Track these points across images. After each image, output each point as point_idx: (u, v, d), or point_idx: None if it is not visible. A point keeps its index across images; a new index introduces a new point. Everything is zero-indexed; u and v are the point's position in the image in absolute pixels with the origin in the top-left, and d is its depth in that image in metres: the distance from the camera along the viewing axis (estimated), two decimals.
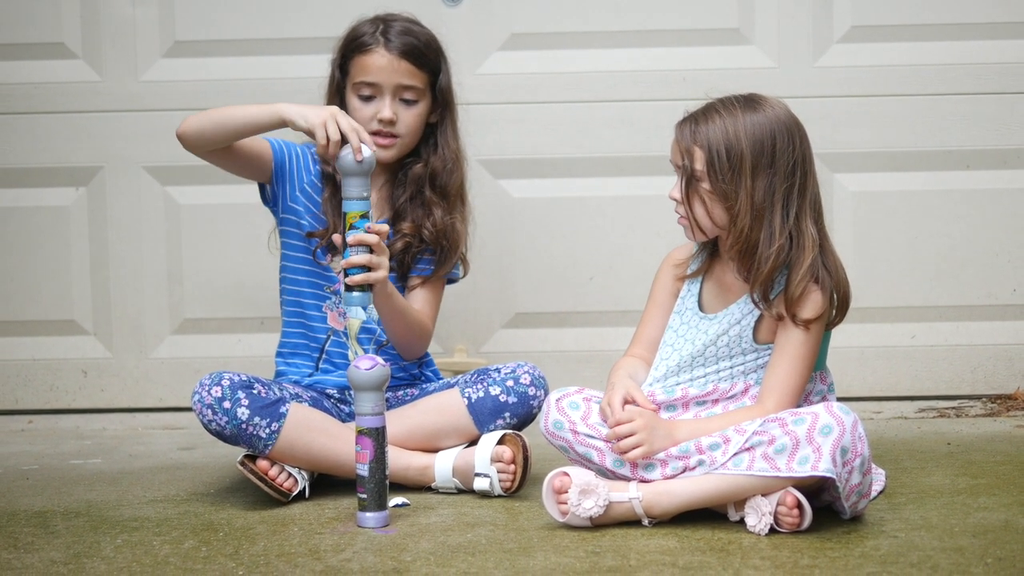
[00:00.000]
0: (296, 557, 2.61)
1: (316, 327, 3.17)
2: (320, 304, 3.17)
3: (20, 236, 3.89)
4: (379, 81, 3.11)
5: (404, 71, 3.11)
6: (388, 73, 3.11)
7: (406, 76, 3.11)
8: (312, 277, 3.17)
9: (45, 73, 3.85)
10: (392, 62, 3.10)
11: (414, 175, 3.16)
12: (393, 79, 3.11)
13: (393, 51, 3.10)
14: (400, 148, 3.15)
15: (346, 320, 3.16)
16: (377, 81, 3.11)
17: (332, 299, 3.16)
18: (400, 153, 3.16)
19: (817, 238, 2.75)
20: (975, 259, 3.81)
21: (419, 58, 3.12)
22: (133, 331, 3.89)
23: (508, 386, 3.06)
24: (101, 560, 2.62)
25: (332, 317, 3.17)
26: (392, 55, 3.10)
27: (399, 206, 3.16)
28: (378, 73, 3.11)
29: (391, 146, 3.13)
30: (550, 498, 2.74)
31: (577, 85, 3.81)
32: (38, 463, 3.43)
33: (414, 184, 3.16)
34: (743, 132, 2.73)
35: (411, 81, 3.11)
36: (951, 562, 2.47)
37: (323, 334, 3.17)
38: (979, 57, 3.77)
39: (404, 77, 3.11)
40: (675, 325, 2.87)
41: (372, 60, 3.11)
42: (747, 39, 3.80)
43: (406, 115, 3.13)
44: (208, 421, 2.94)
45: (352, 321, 3.16)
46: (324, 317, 3.17)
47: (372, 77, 3.11)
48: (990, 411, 3.72)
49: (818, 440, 2.61)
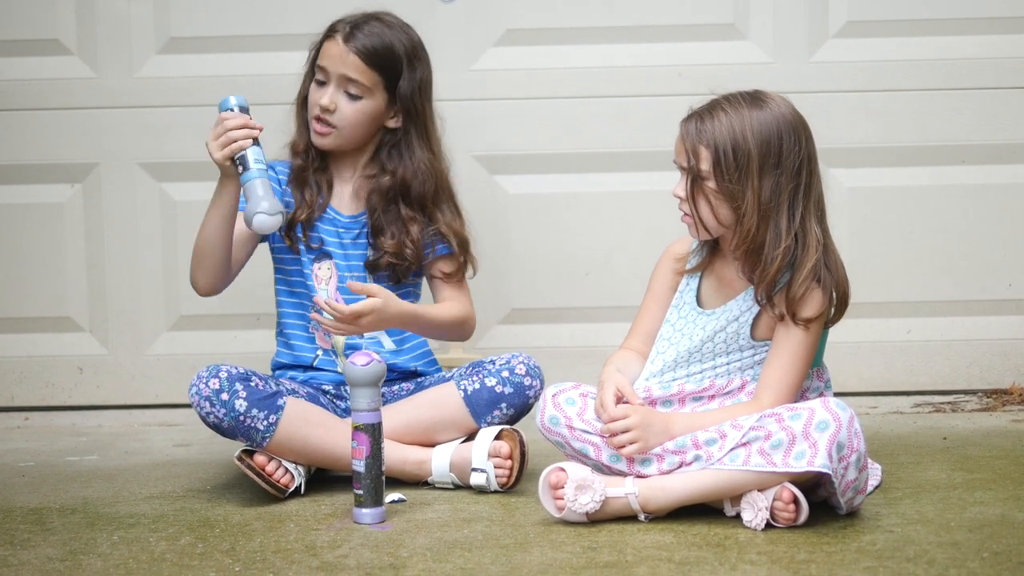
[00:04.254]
0: (292, 553, 2.61)
1: (302, 347, 3.20)
2: (307, 325, 3.19)
3: (15, 233, 3.88)
4: (327, 68, 3.15)
5: (351, 64, 3.14)
6: (336, 62, 3.14)
7: (351, 69, 3.14)
8: (296, 298, 3.21)
9: (40, 69, 3.85)
10: (342, 53, 3.14)
11: (382, 188, 3.18)
12: (339, 69, 3.14)
13: (348, 43, 3.14)
14: (337, 139, 3.17)
15: (331, 339, 3.17)
16: (326, 67, 3.16)
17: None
18: (337, 143, 3.17)
19: (821, 238, 2.75)
20: (971, 254, 3.81)
21: (370, 57, 3.14)
22: (129, 328, 3.89)
23: (504, 377, 3.06)
24: (97, 557, 2.62)
25: (319, 337, 3.19)
26: (344, 47, 3.14)
27: (375, 221, 3.18)
28: (329, 60, 3.15)
29: (326, 134, 3.16)
30: (546, 493, 2.74)
31: (572, 81, 3.81)
32: (34, 460, 3.43)
33: (384, 198, 3.18)
34: (750, 131, 2.71)
35: (355, 75, 3.14)
36: (947, 556, 2.47)
37: (311, 354, 3.18)
38: (975, 52, 3.77)
39: (349, 70, 3.14)
40: (672, 319, 2.87)
41: (329, 47, 3.16)
42: (742, 34, 3.80)
43: (346, 108, 3.15)
44: (206, 413, 2.94)
45: (337, 339, 3.17)
46: (311, 338, 3.19)
47: (324, 62, 3.16)
48: (986, 406, 3.73)
49: (814, 436, 2.61)
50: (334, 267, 3.19)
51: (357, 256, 3.19)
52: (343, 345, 3.17)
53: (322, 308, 2.98)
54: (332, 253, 3.19)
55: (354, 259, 3.19)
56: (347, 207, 3.21)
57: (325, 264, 3.20)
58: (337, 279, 3.19)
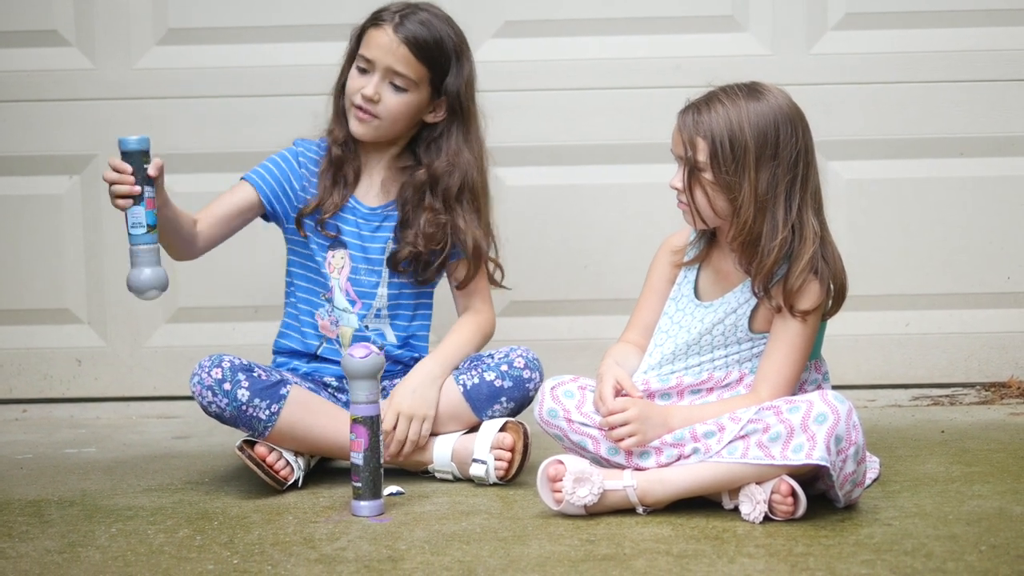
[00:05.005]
0: (291, 546, 2.61)
1: (309, 333, 3.19)
2: (313, 312, 3.17)
3: (13, 224, 3.88)
4: (374, 58, 3.09)
5: (400, 56, 3.09)
6: (384, 52, 3.09)
7: (400, 62, 3.09)
8: (308, 283, 3.18)
9: (38, 61, 3.84)
10: (392, 43, 3.08)
11: (417, 182, 3.14)
12: (386, 60, 3.09)
13: (398, 34, 3.08)
14: (377, 130, 3.12)
15: (338, 329, 3.16)
16: (372, 57, 3.09)
17: (326, 306, 3.16)
18: (376, 134, 3.13)
19: (819, 230, 2.75)
20: (969, 246, 3.81)
21: (421, 50, 3.10)
22: (127, 319, 3.89)
23: (503, 371, 3.06)
24: (96, 549, 2.62)
25: (324, 325, 3.17)
26: (395, 37, 3.08)
27: (404, 215, 3.15)
28: (376, 50, 3.09)
29: (367, 122, 3.11)
30: (545, 486, 2.75)
31: (571, 73, 3.81)
32: (32, 452, 3.43)
33: (417, 192, 3.15)
34: (747, 122, 2.71)
35: (403, 68, 3.09)
36: (945, 550, 2.47)
37: (316, 341, 3.17)
38: (974, 44, 3.77)
39: (397, 62, 3.09)
40: (670, 312, 2.87)
41: (377, 36, 3.10)
42: (741, 26, 3.80)
43: (390, 99, 3.10)
44: (208, 403, 2.94)
45: (344, 329, 3.16)
46: (314, 325, 3.18)
47: (370, 52, 3.10)
48: (984, 399, 3.73)
49: (813, 428, 2.61)
50: (348, 257, 3.17)
51: (375, 249, 3.16)
52: (350, 337, 3.16)
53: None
54: (348, 243, 3.17)
55: (372, 252, 3.16)
56: (372, 198, 3.18)
57: (339, 253, 3.17)
58: (350, 270, 3.17)
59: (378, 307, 3.16)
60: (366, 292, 3.13)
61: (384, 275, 3.15)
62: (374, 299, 3.15)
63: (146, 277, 2.86)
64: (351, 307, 3.15)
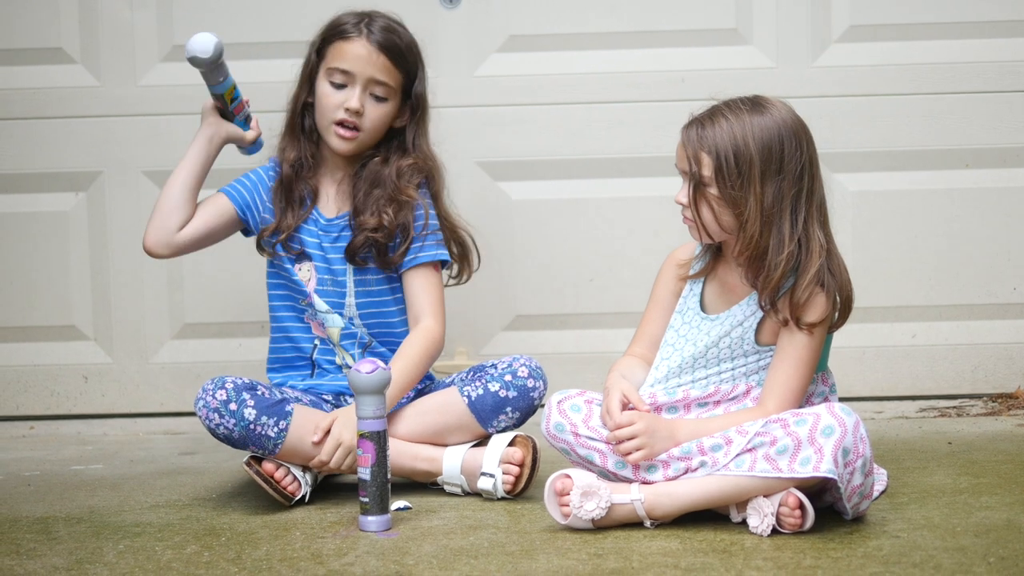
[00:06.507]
0: (298, 561, 2.61)
1: (300, 338, 3.19)
2: (300, 316, 3.18)
3: (20, 241, 3.89)
4: (354, 70, 3.10)
5: (380, 66, 3.10)
6: (364, 64, 3.10)
7: (381, 71, 3.10)
8: (287, 291, 3.19)
9: (44, 78, 3.85)
10: (371, 54, 3.10)
11: (372, 170, 3.14)
12: (368, 71, 3.10)
13: (373, 43, 3.10)
14: (359, 143, 3.13)
15: (325, 329, 3.17)
16: (352, 70, 3.10)
17: (308, 311, 3.17)
18: (359, 148, 3.14)
19: (824, 243, 2.74)
20: (975, 258, 3.81)
21: (398, 57, 3.12)
22: (133, 336, 3.89)
23: (507, 381, 3.06)
24: (104, 566, 2.62)
25: (315, 326, 3.18)
26: (372, 47, 3.10)
27: (357, 202, 3.15)
28: (355, 62, 3.10)
29: (352, 139, 3.12)
30: (552, 500, 2.74)
31: (575, 86, 3.81)
32: (39, 469, 3.43)
33: (371, 179, 3.14)
34: (751, 137, 2.71)
35: (384, 77, 3.11)
36: (954, 562, 2.47)
37: (310, 344, 3.18)
38: (978, 56, 3.78)
39: (379, 72, 3.10)
40: (676, 325, 2.87)
41: (351, 48, 3.10)
42: (745, 39, 3.80)
43: (373, 111, 3.12)
44: (216, 425, 2.94)
45: (331, 329, 3.16)
46: (307, 328, 3.18)
47: (348, 65, 3.10)
48: (991, 410, 3.72)
49: (820, 441, 2.60)
50: (313, 268, 3.18)
51: (337, 260, 3.16)
52: (338, 335, 3.16)
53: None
54: (312, 255, 3.17)
55: (335, 263, 3.16)
56: (331, 209, 3.19)
57: (306, 265, 3.18)
58: (316, 281, 3.17)
59: (349, 316, 3.16)
60: (335, 303, 3.14)
61: (349, 285, 3.15)
62: (344, 308, 3.16)
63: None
64: (332, 308, 3.16)
